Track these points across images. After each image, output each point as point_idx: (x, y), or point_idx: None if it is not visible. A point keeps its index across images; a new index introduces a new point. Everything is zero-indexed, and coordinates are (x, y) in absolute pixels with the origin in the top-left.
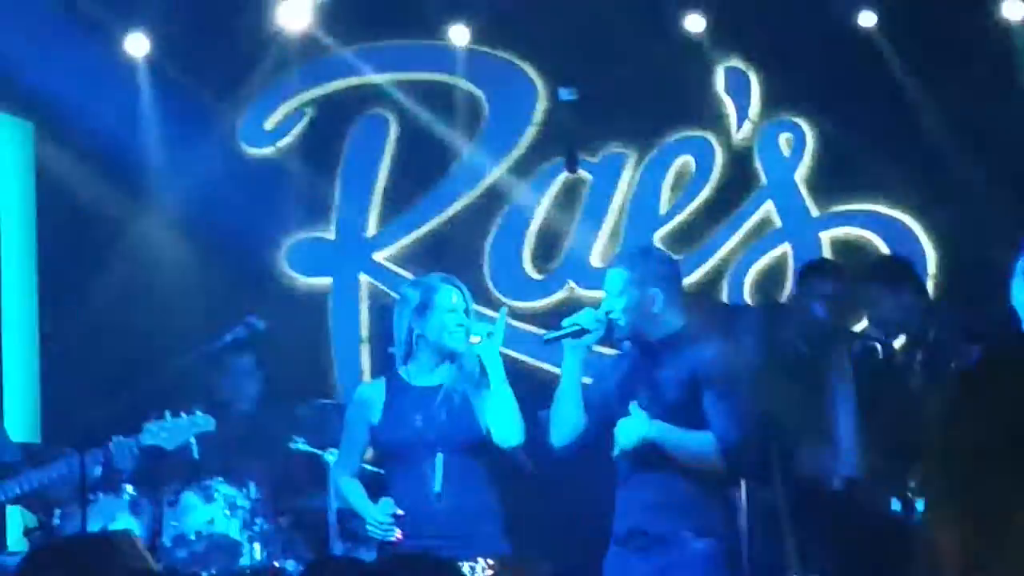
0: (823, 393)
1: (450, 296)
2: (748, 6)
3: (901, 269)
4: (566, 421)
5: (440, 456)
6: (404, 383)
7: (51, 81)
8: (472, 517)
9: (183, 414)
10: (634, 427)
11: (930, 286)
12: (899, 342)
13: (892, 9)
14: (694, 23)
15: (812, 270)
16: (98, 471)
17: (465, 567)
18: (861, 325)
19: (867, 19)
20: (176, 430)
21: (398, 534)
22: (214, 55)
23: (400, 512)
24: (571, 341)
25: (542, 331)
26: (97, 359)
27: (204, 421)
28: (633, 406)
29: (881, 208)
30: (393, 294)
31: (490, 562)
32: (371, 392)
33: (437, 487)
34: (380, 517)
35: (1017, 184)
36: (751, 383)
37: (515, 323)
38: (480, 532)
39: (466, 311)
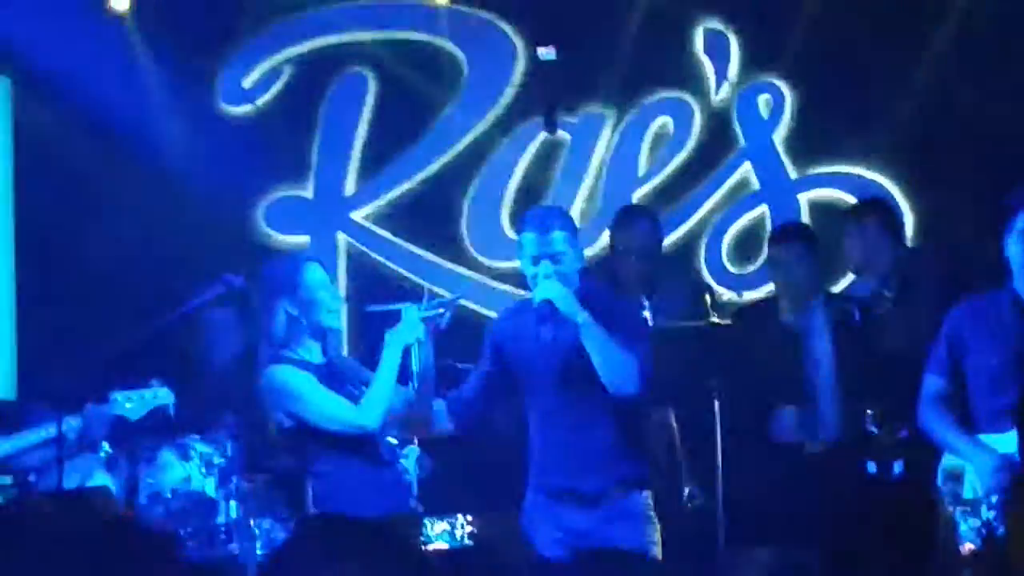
0: (802, 356)
1: (318, 271)
2: None
3: (867, 205)
4: None
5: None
6: (306, 363)
7: (29, 36)
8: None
9: (149, 386)
10: (570, 304)
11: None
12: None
13: None
14: None
15: (774, 239)
16: (72, 435)
17: (443, 524)
18: (839, 287)
19: None
20: (139, 402)
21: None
22: (194, 12)
23: None
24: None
25: (520, 291)
26: (74, 317)
27: (164, 394)
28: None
29: (860, 171)
30: (372, 253)
31: (469, 518)
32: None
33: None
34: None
35: (995, 149)
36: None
37: (492, 283)
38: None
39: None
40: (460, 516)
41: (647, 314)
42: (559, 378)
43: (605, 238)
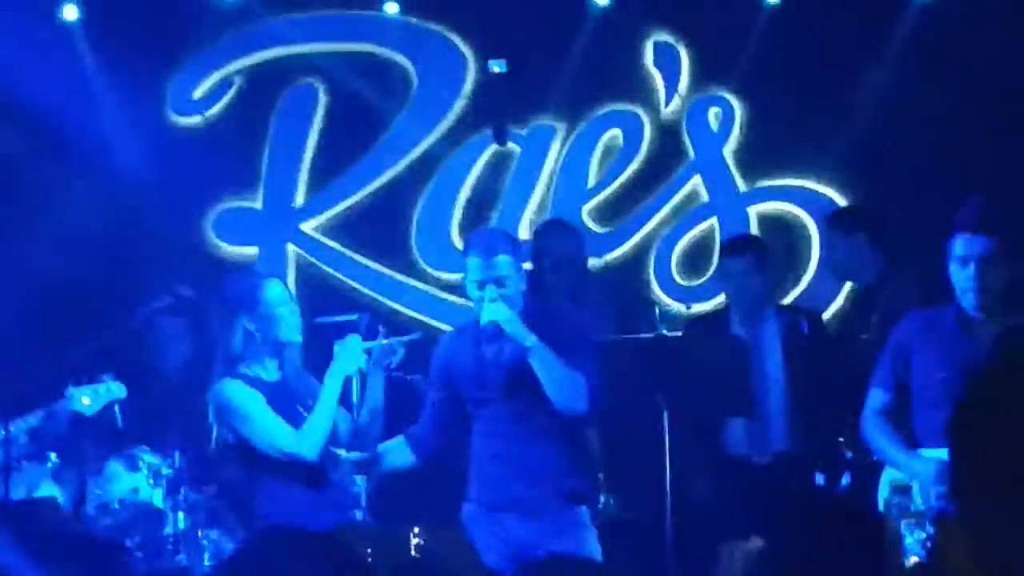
0: (752, 368)
1: (278, 288)
2: None
3: (853, 215)
4: None
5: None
6: (260, 380)
7: None
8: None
9: (101, 380)
10: (518, 327)
11: None
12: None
13: None
14: None
15: (726, 250)
16: (23, 439)
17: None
18: (788, 299)
19: None
20: (94, 397)
21: None
22: (144, 22)
23: None
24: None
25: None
26: (22, 326)
27: (117, 388)
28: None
29: (809, 184)
30: (321, 265)
31: (416, 530)
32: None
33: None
34: None
35: (945, 162)
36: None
37: (441, 294)
38: None
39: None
40: (409, 529)
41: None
42: (503, 393)
43: None
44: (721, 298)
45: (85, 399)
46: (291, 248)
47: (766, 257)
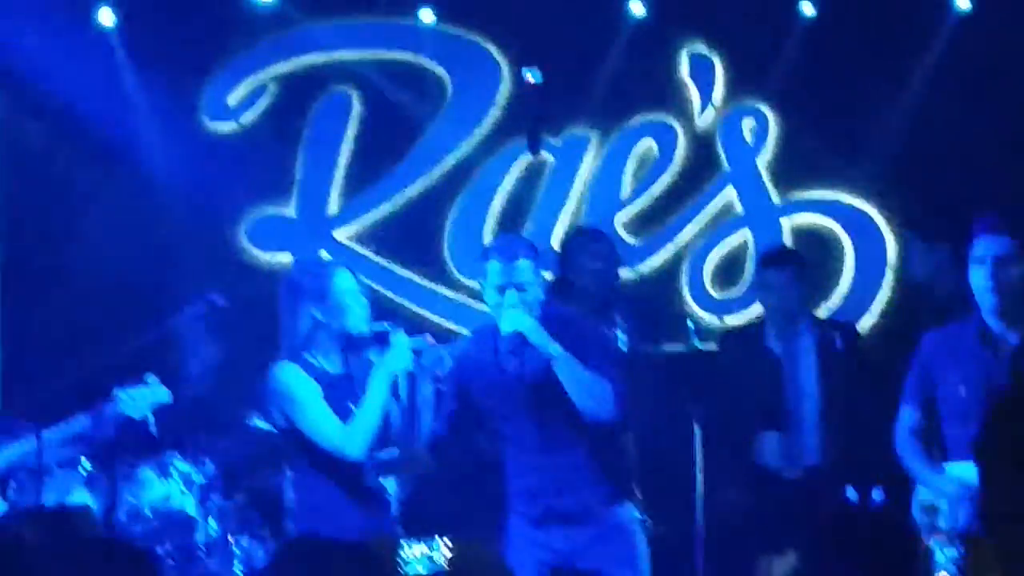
0: (785, 382)
1: (348, 278)
2: None
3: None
4: None
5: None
6: (323, 371)
7: (15, 49)
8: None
9: (146, 383)
10: (541, 335)
11: (891, 276)
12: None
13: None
14: (638, 8)
15: (767, 262)
16: (61, 445)
17: (421, 547)
18: (822, 312)
19: (808, 8)
20: (141, 399)
21: None
22: (181, 28)
23: None
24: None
25: None
26: (58, 332)
27: (164, 393)
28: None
29: (843, 197)
30: (354, 273)
31: (447, 541)
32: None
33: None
34: None
35: (980, 175)
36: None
37: (473, 302)
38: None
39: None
40: (439, 539)
41: (623, 335)
42: (529, 405)
43: None
44: (754, 311)
45: (132, 401)
46: (324, 256)
47: (805, 270)
